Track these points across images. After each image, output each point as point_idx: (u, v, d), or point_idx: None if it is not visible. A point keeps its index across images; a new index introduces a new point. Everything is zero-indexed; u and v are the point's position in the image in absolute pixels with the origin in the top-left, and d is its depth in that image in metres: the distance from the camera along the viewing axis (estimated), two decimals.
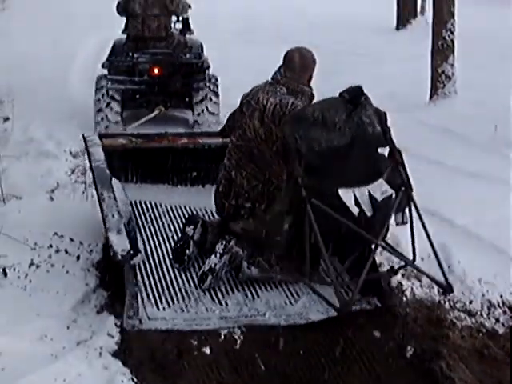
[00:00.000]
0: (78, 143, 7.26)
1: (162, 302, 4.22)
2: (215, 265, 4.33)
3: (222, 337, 3.99)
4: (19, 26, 15.00)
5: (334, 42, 13.35)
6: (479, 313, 4.38)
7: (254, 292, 4.36)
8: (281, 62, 4.59)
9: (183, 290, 4.36)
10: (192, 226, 4.66)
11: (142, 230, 5.13)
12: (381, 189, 4.02)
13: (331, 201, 3.93)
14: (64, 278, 4.62)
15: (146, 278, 4.46)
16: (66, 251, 5.00)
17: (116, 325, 4.03)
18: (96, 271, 4.72)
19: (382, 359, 3.85)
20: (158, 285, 4.42)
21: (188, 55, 8.25)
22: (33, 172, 6.53)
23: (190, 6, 8.49)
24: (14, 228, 5.15)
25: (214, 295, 4.30)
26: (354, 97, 4.12)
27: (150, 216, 5.40)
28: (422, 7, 16.23)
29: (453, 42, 8.75)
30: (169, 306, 4.20)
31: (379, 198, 3.99)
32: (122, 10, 8.26)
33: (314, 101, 4.49)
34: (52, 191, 6.11)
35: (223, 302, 4.25)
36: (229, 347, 3.92)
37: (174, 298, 4.27)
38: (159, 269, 4.61)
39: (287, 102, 4.36)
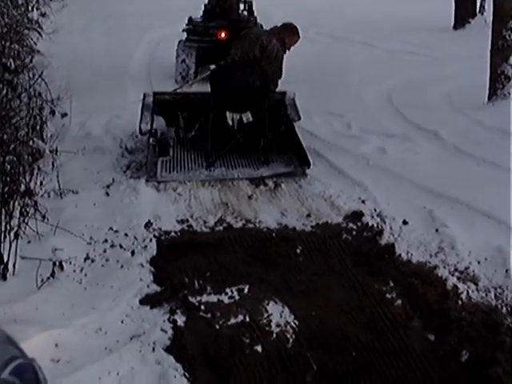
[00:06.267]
0: (133, 139, 7.37)
1: (171, 169, 6.68)
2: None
3: (274, 335, 3.98)
4: (78, 23, 15.26)
5: (390, 42, 13.24)
6: None
7: (231, 165, 6.80)
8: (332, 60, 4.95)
9: (184, 165, 6.82)
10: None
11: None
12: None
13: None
14: (118, 273, 4.68)
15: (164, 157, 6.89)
16: (121, 246, 5.07)
17: (169, 320, 4.07)
18: (150, 266, 4.76)
19: (437, 363, 3.79)
20: (169, 161, 6.87)
21: (247, 25, 9.85)
22: (89, 167, 6.63)
23: None
24: (71, 222, 5.26)
25: (205, 167, 6.70)
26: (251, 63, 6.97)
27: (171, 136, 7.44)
28: (482, 6, 15.89)
29: None
30: (175, 171, 6.66)
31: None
32: None
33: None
34: (108, 186, 6.18)
35: (211, 169, 6.67)
36: (281, 346, 3.90)
37: (178, 168, 6.74)
38: (172, 153, 7.07)
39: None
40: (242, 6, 10.79)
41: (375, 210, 5.69)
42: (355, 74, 10.40)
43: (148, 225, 5.40)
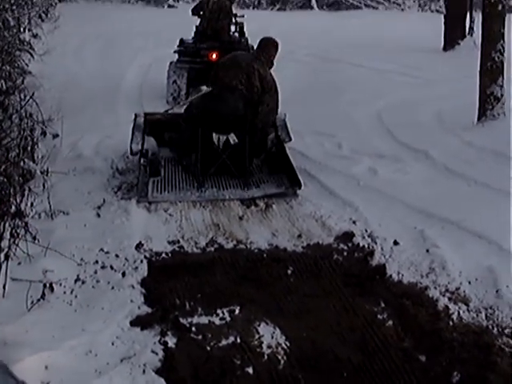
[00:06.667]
0: (124, 160, 7.37)
1: (162, 190, 6.63)
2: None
3: (266, 357, 3.97)
4: (70, 44, 15.30)
5: (380, 62, 13.32)
6: None
7: (222, 186, 6.74)
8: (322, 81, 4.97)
9: (176, 185, 6.77)
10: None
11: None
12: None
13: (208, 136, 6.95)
14: (109, 294, 4.66)
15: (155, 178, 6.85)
16: (112, 267, 5.05)
17: (160, 342, 4.05)
18: (141, 288, 4.75)
19: None
20: (160, 181, 6.82)
21: (238, 46, 9.97)
22: (80, 188, 6.62)
23: (243, 16, 10.97)
24: (61, 243, 5.24)
25: (196, 188, 6.64)
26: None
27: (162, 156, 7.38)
28: (471, 28, 16.02)
29: (502, 62, 8.60)
30: (166, 191, 6.61)
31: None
32: (196, 12, 10.76)
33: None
34: (99, 207, 6.17)
35: (202, 190, 6.61)
36: (272, 367, 3.89)
37: (169, 188, 6.68)
38: (163, 173, 7.01)
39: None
40: (233, 28, 10.84)
41: (366, 231, 5.70)
42: (346, 95, 10.45)
43: (139, 246, 5.39)
